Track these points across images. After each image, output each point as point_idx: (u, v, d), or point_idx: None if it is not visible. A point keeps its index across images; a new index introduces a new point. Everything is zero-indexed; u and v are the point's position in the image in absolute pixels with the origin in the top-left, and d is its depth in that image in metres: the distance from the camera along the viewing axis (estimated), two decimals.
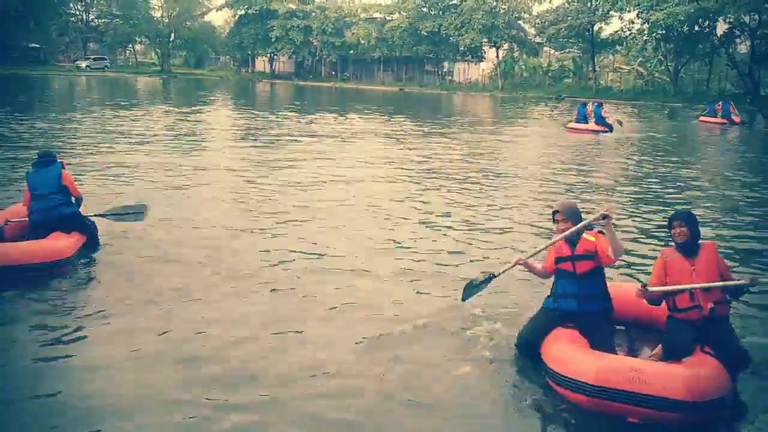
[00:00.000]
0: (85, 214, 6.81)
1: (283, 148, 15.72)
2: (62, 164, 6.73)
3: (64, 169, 6.65)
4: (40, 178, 6.45)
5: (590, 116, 22.10)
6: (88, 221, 6.71)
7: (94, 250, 6.60)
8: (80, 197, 6.73)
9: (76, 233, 6.40)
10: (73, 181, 6.69)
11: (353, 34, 65.73)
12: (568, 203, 4.80)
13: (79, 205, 6.72)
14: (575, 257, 4.54)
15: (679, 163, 15.81)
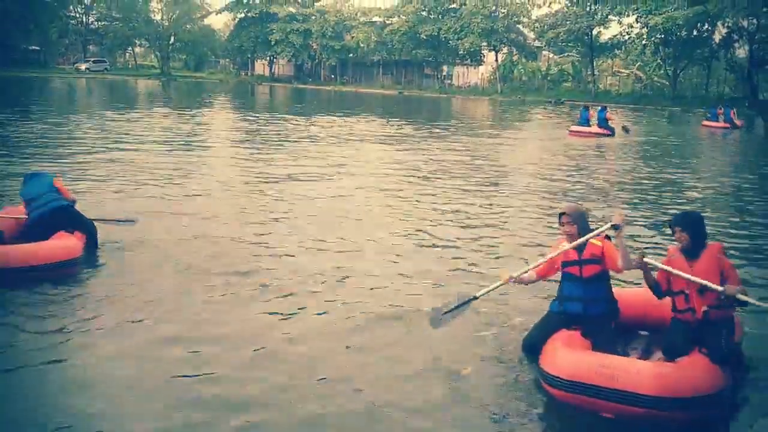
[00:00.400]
0: None
1: (282, 150, 15.73)
2: (54, 175, 6.91)
3: (55, 177, 6.82)
4: (32, 186, 6.56)
5: (593, 119, 22.14)
6: (86, 219, 6.71)
7: (93, 249, 6.59)
8: (74, 201, 6.76)
9: (78, 232, 6.40)
10: (64, 186, 6.77)
11: (353, 37, 65.85)
12: (575, 206, 4.81)
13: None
14: (582, 261, 4.57)
15: (682, 165, 15.84)
